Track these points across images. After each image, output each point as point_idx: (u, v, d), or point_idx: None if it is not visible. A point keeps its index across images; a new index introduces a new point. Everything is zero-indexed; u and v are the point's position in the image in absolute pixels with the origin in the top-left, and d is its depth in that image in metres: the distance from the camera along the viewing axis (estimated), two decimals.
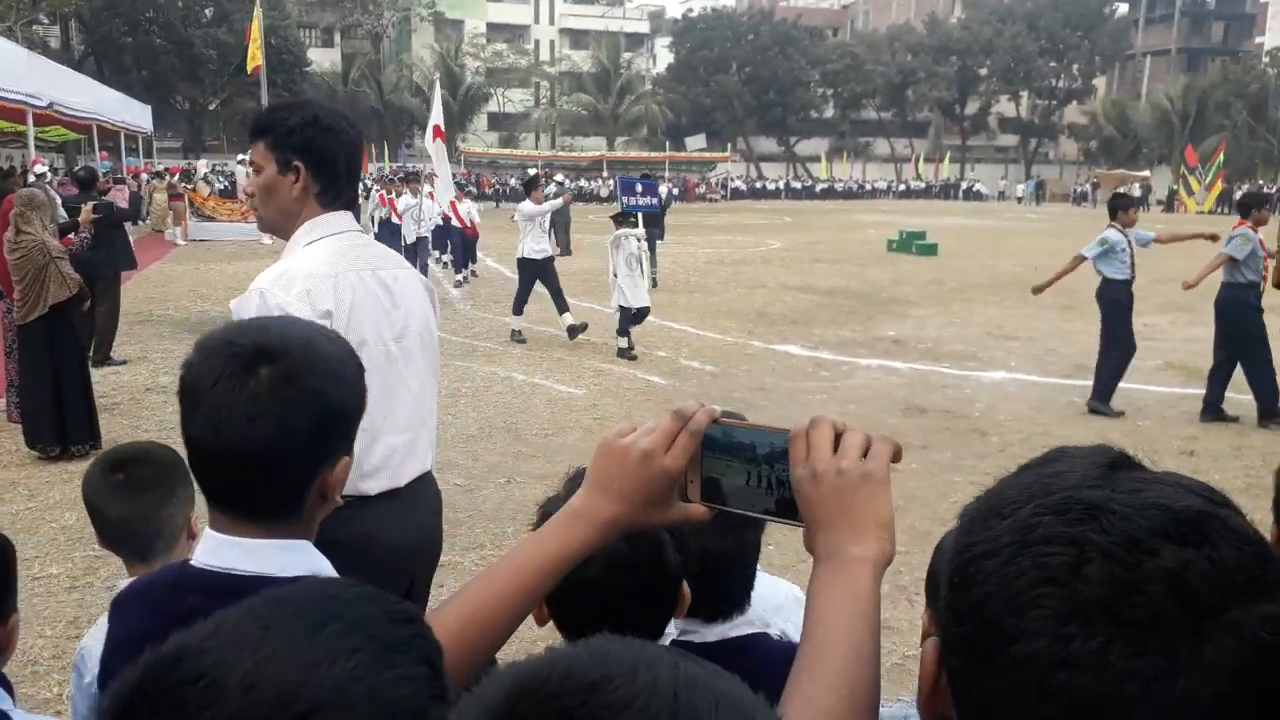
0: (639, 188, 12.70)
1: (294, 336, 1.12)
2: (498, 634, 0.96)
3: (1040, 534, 0.58)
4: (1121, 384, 8.21)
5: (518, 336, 10.89)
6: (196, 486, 1.74)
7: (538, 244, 10.94)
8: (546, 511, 1.34)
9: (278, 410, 1.05)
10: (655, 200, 13.03)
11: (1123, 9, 64.39)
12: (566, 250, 19.16)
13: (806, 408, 7.93)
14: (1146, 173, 51.12)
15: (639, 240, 10.24)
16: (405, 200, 15.44)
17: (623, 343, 10.17)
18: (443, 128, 12.47)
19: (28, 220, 6.63)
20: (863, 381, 9.19)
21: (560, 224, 16.98)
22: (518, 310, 11.00)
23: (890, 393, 8.71)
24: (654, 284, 16.33)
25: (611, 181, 44.06)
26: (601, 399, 8.30)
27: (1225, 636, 0.53)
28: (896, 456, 0.87)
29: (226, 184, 25.29)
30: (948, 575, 0.64)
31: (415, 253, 14.32)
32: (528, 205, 11.16)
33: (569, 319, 10.76)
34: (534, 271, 10.89)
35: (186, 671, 0.57)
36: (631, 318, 10.12)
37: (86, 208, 8.71)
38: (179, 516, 1.90)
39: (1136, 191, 47.44)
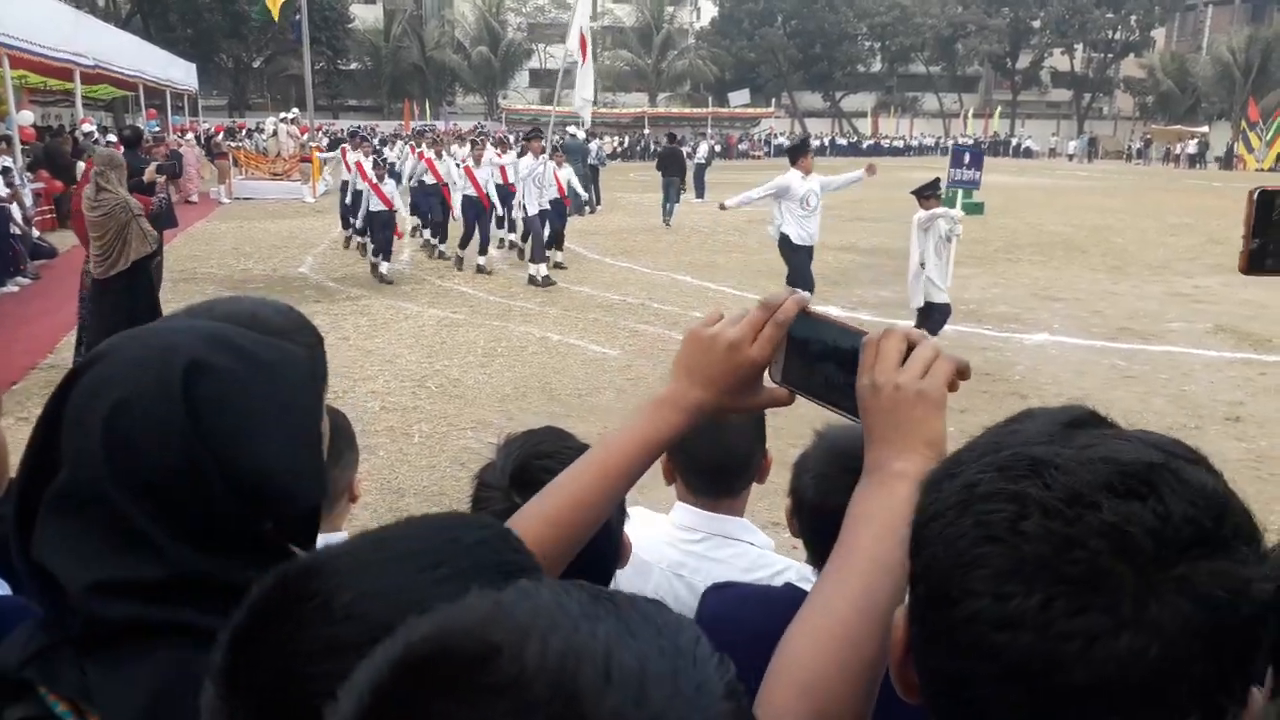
0: (966, 158, 10.64)
1: (238, 313, 1.11)
2: (592, 517, 0.96)
3: (981, 491, 0.56)
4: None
5: (543, 280, 11.54)
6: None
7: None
8: (482, 480, 1.34)
9: None
10: (977, 175, 10.83)
11: None
12: (588, 206, 19.57)
13: None
14: (1205, 128, 49.57)
15: (953, 221, 8.73)
16: (527, 162, 12.57)
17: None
18: (588, 36, 11.82)
19: (108, 179, 6.85)
20: None
21: (581, 176, 16.84)
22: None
23: None
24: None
25: (657, 138, 43.74)
26: (636, 360, 8.29)
27: (1172, 594, 0.51)
28: (964, 374, 0.87)
29: (266, 141, 25.37)
30: (907, 540, 0.63)
31: (529, 225, 12.29)
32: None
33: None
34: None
35: (306, 588, 0.62)
36: (938, 319, 8.51)
37: (150, 167, 8.98)
38: (342, 479, 1.91)
39: (1193, 148, 46.22)
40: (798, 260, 9.52)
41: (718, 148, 41.40)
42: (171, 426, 0.78)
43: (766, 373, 0.95)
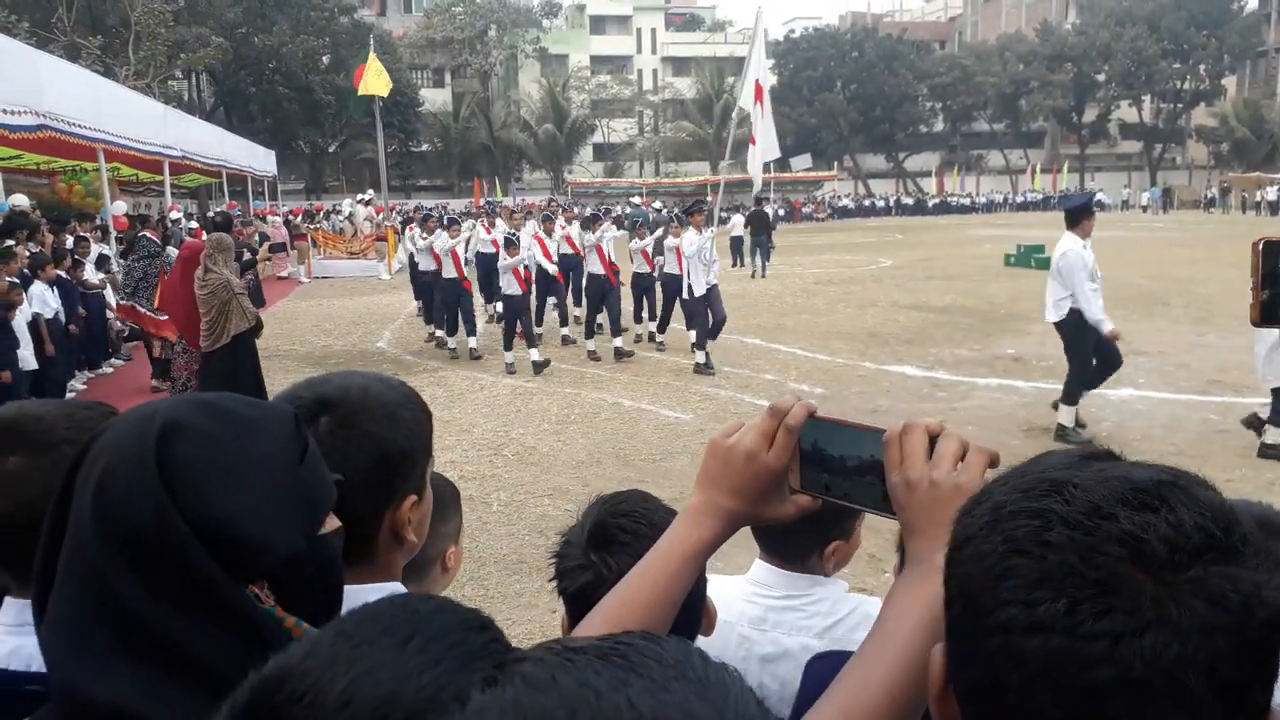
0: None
1: (352, 385, 1.17)
2: (647, 621, 0.97)
3: (1008, 511, 0.61)
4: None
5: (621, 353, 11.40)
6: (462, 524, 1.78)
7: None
8: (565, 539, 1.37)
9: (336, 455, 1.07)
10: None
11: (1252, 4, 61.13)
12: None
13: None
14: None
15: None
16: (692, 238, 10.90)
17: None
18: (764, 85, 10.60)
19: (215, 261, 7.48)
20: (981, 402, 8.89)
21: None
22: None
23: (1011, 413, 8.39)
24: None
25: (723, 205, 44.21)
26: (709, 424, 8.25)
27: (1188, 596, 0.54)
28: (994, 464, 0.88)
29: (343, 222, 26.26)
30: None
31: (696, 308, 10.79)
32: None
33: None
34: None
35: (289, 692, 0.60)
36: None
37: (263, 248, 9.60)
38: (433, 547, 1.92)
39: (1272, 195, 44.99)
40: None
41: (781, 211, 41.57)
42: (144, 486, 0.80)
43: (789, 481, 0.96)
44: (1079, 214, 7.58)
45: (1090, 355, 7.50)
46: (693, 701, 0.45)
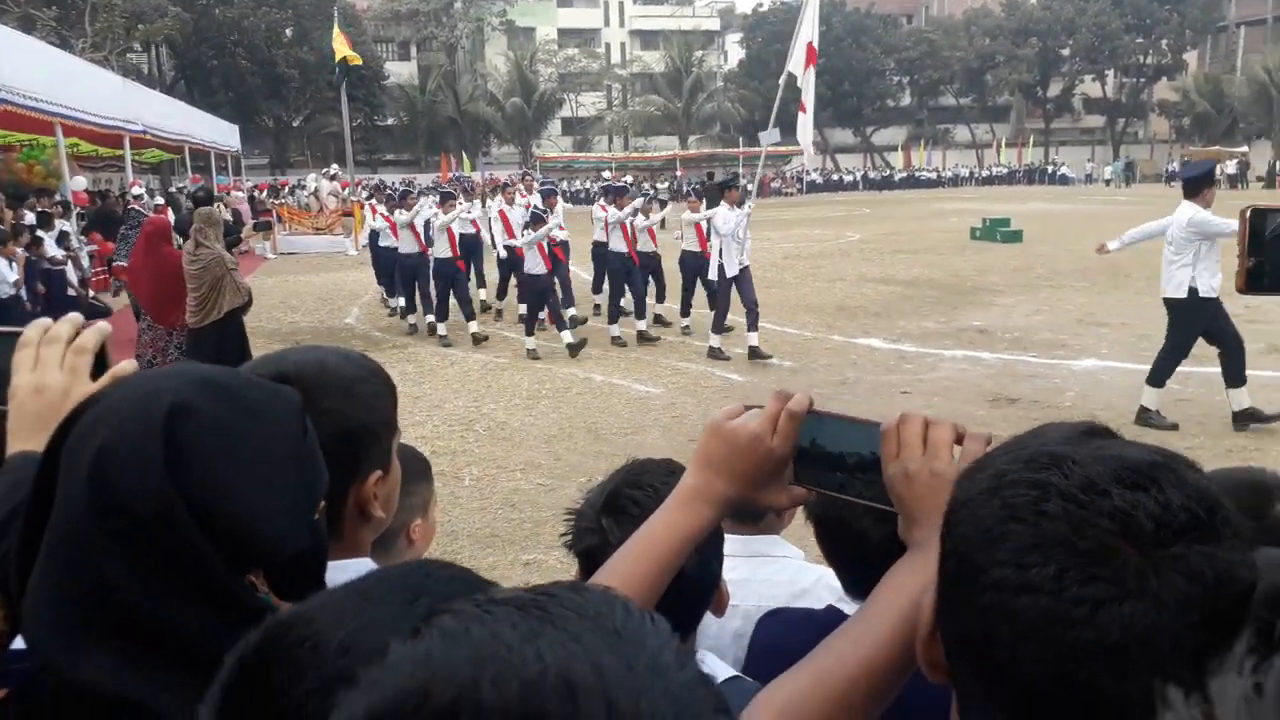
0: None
1: (309, 361, 1.14)
2: (639, 601, 0.97)
3: (1010, 479, 0.65)
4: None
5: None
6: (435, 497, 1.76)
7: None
8: (585, 498, 1.39)
9: None
10: None
11: None
12: None
13: (890, 402, 7.80)
14: (1244, 148, 48.93)
15: None
16: (724, 214, 10.17)
17: None
18: (816, 45, 9.64)
19: (205, 235, 7.31)
20: (947, 374, 9.00)
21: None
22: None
23: (977, 384, 8.51)
24: None
25: (688, 180, 44.03)
26: (679, 397, 8.30)
27: (1169, 570, 0.58)
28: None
29: (308, 198, 25.96)
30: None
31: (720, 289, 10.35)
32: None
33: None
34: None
35: (296, 635, 0.63)
36: None
37: (248, 226, 9.39)
38: (395, 520, 1.90)
39: (1232, 169, 45.59)
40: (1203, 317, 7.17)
41: (751, 186, 41.51)
42: (150, 470, 0.77)
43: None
44: (1199, 183, 7.24)
45: (1191, 343, 7.18)
46: (603, 654, 0.46)
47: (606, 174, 33.43)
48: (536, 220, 10.54)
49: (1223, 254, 7.11)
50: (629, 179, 25.98)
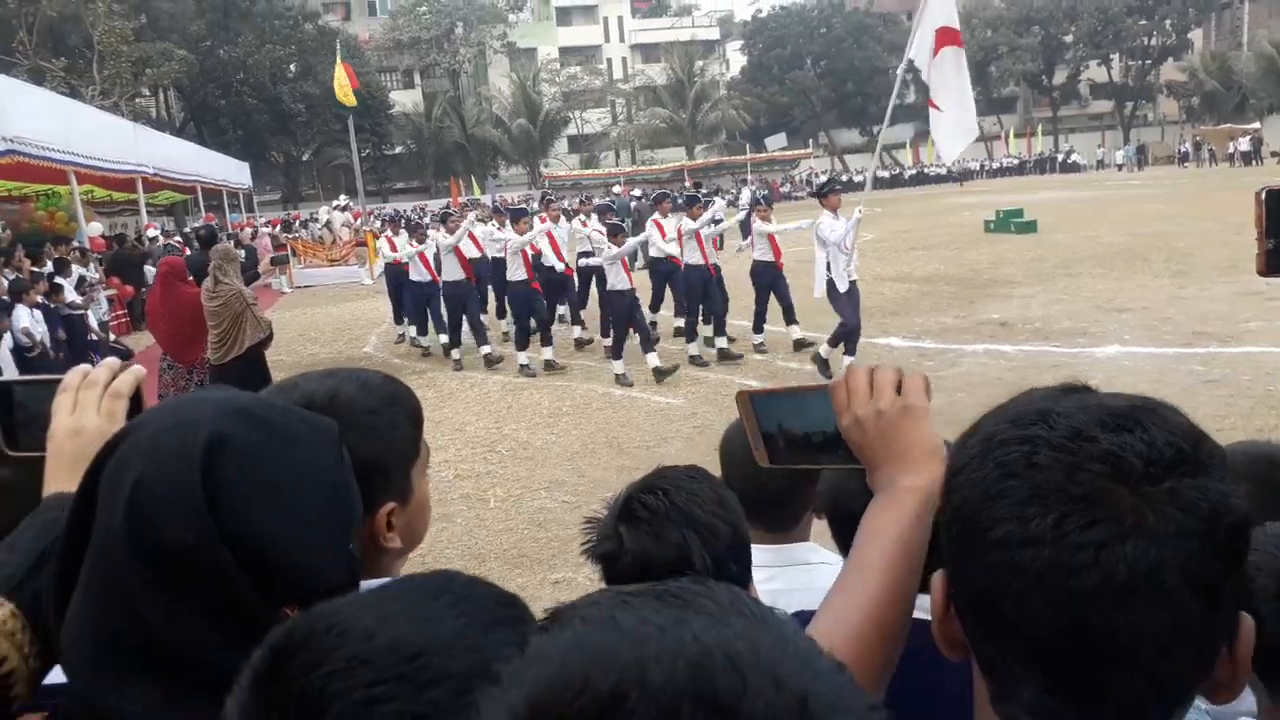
0: None
1: (319, 391, 1.12)
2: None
3: (999, 440, 0.66)
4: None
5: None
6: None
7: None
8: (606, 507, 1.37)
9: None
10: None
11: None
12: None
13: None
14: (1256, 124, 48.46)
15: None
16: (829, 223, 9.47)
17: None
18: (958, 27, 7.97)
19: (224, 271, 7.33)
20: (969, 368, 8.94)
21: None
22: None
23: (999, 377, 8.44)
24: None
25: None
26: (700, 407, 8.27)
27: (1164, 504, 0.60)
28: (927, 387, 0.95)
29: (321, 230, 26.15)
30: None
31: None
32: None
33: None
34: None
35: (325, 624, 0.65)
36: None
37: (265, 260, 9.54)
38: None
39: (1245, 146, 45.17)
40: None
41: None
42: (189, 502, 0.76)
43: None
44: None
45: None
46: (757, 635, 0.45)
47: (617, 189, 33.44)
48: (615, 233, 9.65)
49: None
50: (693, 186, 25.64)
